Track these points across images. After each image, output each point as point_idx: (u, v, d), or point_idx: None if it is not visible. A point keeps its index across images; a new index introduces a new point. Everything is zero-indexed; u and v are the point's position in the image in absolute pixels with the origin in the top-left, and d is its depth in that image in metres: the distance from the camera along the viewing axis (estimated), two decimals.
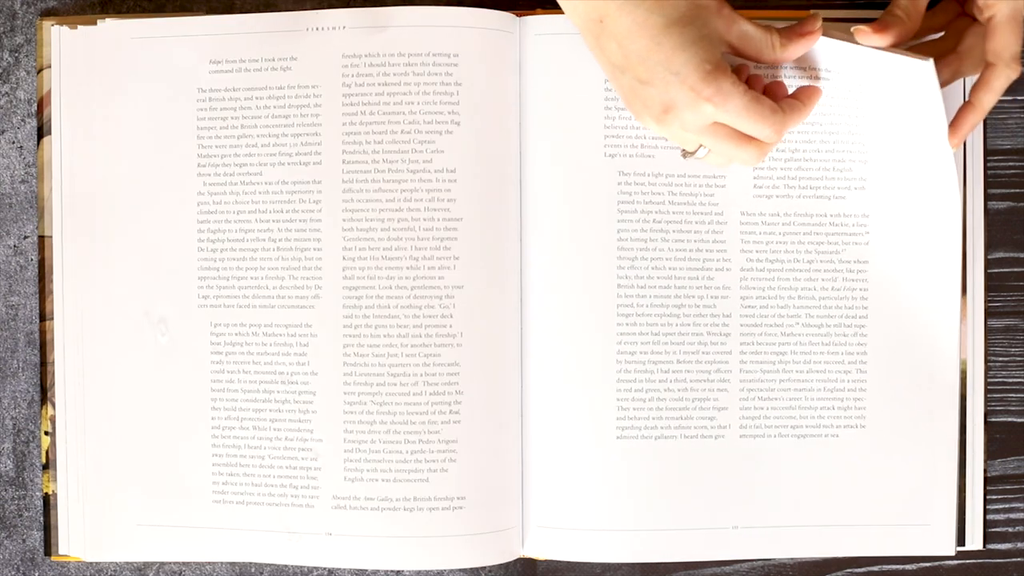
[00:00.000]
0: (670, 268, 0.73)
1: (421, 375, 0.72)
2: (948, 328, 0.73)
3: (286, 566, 0.76)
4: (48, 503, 0.75)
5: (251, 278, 0.74)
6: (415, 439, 0.72)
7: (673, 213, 0.73)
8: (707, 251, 0.73)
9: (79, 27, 0.75)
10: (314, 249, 0.73)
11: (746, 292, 0.73)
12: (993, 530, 0.76)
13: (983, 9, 0.67)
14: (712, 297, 0.73)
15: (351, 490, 0.73)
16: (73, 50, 0.75)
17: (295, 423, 0.73)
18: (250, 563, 0.75)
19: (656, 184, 0.73)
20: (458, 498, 0.72)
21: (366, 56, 0.72)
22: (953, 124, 0.69)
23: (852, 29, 0.67)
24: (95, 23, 0.75)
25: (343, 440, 0.73)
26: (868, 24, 0.66)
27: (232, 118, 0.74)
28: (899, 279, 0.73)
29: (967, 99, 0.70)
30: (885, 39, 0.66)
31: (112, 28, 0.74)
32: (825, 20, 0.67)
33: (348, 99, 0.72)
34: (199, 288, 0.74)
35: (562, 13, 0.72)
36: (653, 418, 0.73)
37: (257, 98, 0.74)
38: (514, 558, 0.74)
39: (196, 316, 0.74)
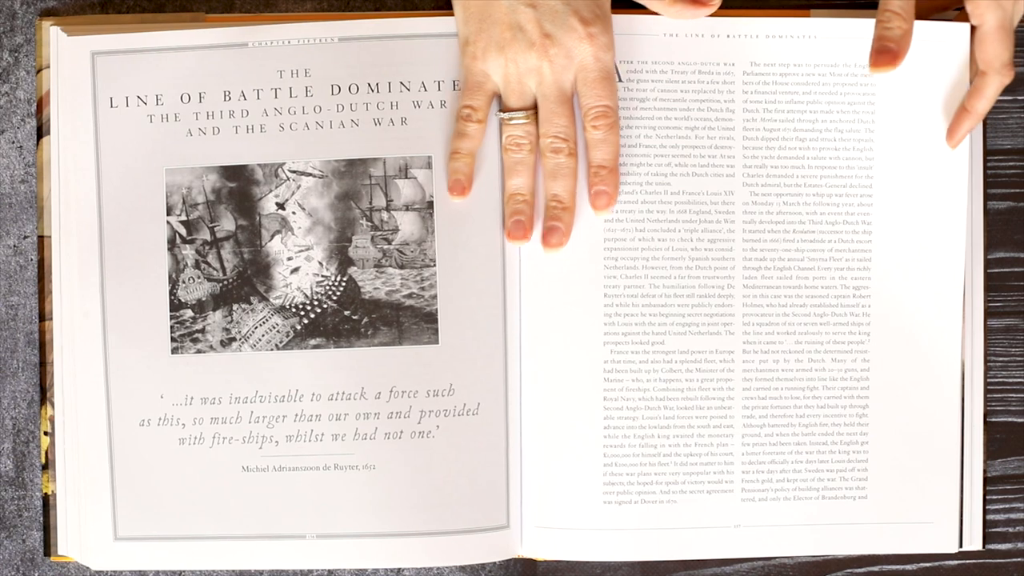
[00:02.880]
0: (666, 261, 0.73)
1: (422, 376, 0.72)
2: (950, 326, 0.73)
3: (287, 571, 0.75)
4: (47, 503, 0.75)
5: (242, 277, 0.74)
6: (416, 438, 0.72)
7: (671, 214, 0.73)
8: (709, 241, 0.73)
9: (75, 36, 0.74)
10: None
11: (748, 292, 0.73)
12: (993, 530, 0.76)
13: (971, 17, 0.68)
14: (712, 285, 0.73)
15: (356, 489, 0.73)
16: (72, 50, 0.74)
17: (293, 425, 0.73)
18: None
19: (654, 185, 0.73)
20: (457, 495, 0.72)
21: (359, 65, 0.72)
22: (950, 129, 0.71)
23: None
24: (90, 25, 0.75)
25: (348, 442, 0.73)
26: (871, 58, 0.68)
27: (219, 122, 0.74)
28: (902, 278, 0.73)
29: (963, 105, 0.71)
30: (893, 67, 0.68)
31: (107, 40, 0.74)
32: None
33: (339, 103, 0.73)
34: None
35: None
36: (652, 417, 0.73)
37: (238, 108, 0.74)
38: (512, 556, 0.73)
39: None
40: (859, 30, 0.71)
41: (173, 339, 0.74)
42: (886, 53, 0.68)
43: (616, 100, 0.69)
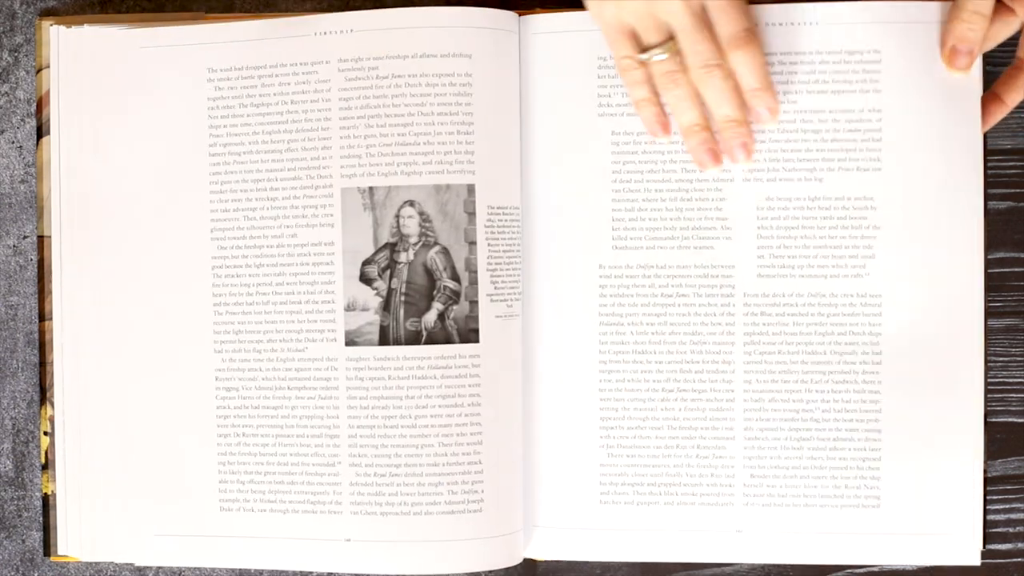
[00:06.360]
0: (665, 256, 0.73)
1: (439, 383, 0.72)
2: (966, 327, 0.71)
3: (287, 571, 0.75)
4: (47, 503, 0.75)
5: (263, 276, 0.73)
6: (434, 444, 0.72)
7: (669, 211, 0.73)
8: (708, 239, 0.73)
9: (74, 27, 0.74)
10: (327, 253, 0.73)
11: (749, 292, 0.73)
12: (993, 530, 0.76)
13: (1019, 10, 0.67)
14: (713, 284, 0.72)
15: (368, 497, 0.72)
16: (72, 50, 0.74)
17: (312, 428, 0.73)
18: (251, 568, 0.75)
19: (654, 182, 0.73)
20: (471, 502, 0.72)
21: (374, 59, 0.72)
22: (984, 117, 0.71)
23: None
24: (83, 25, 0.74)
25: (358, 447, 0.72)
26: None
27: (242, 124, 0.73)
28: (912, 277, 0.71)
29: (993, 91, 0.70)
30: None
31: (111, 35, 0.74)
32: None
33: (350, 102, 0.72)
34: (213, 288, 0.74)
35: (560, 12, 0.72)
36: (649, 417, 0.73)
37: (263, 104, 0.73)
38: (520, 560, 0.73)
39: (200, 317, 0.74)
40: (861, 15, 0.70)
41: None
42: (966, 56, 0.68)
43: (752, 20, 0.67)
